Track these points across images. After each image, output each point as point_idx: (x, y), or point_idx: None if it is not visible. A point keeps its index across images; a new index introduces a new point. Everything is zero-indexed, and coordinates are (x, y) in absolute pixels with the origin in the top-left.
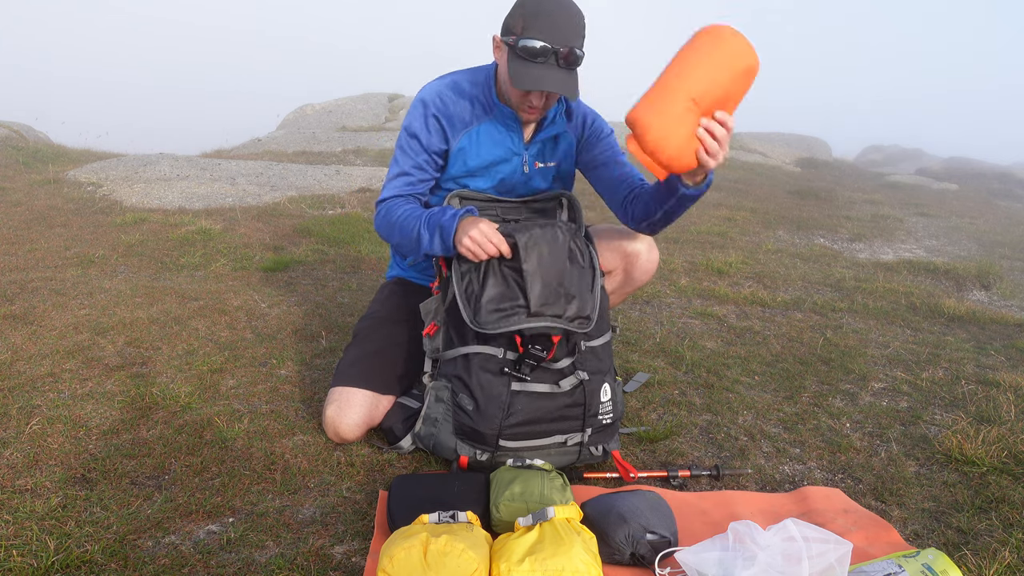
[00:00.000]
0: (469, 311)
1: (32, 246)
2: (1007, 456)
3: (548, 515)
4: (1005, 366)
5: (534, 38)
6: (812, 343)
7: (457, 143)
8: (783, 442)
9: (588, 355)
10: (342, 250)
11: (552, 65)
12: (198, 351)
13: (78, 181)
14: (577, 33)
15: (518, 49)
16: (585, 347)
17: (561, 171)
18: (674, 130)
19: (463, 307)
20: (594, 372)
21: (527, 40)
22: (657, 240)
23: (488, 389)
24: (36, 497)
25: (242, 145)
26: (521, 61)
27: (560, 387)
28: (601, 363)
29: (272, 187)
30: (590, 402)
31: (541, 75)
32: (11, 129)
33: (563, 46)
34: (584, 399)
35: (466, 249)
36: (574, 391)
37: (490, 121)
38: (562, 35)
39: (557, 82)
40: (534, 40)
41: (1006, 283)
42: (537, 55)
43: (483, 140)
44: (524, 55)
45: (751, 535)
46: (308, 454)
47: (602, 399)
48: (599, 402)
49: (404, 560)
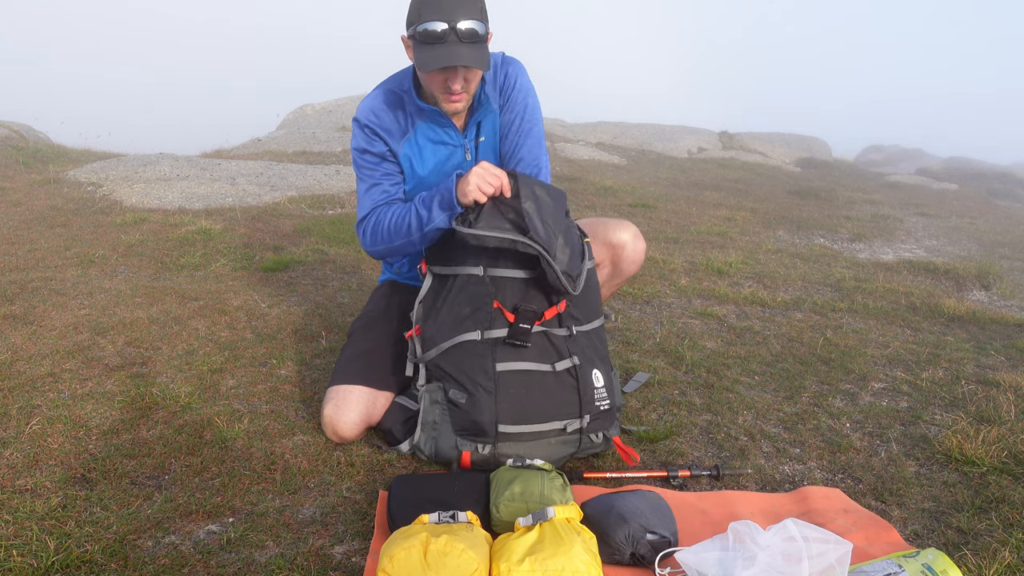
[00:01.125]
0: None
1: (32, 246)
2: (1007, 456)
3: (548, 515)
4: (1005, 366)
5: (430, 20)
6: (812, 343)
7: (401, 150)
8: (783, 442)
9: (580, 338)
10: (342, 250)
11: (455, 43)
12: (198, 351)
13: (78, 181)
14: (475, 7)
15: (418, 36)
16: (576, 331)
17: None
18: None
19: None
20: (585, 357)
21: (424, 24)
22: (657, 240)
23: (474, 373)
24: (36, 497)
25: (242, 145)
26: (425, 46)
27: (554, 368)
28: (592, 349)
29: (272, 187)
30: (584, 386)
31: (446, 53)
32: (11, 129)
33: (462, 22)
34: (577, 382)
35: (473, 188)
36: (566, 373)
37: (423, 123)
38: (459, 11)
39: (464, 57)
40: (431, 23)
41: (1006, 283)
42: (438, 37)
43: (422, 143)
44: (425, 39)
45: (751, 535)
46: (308, 454)
47: (595, 384)
48: (593, 387)
49: (404, 560)
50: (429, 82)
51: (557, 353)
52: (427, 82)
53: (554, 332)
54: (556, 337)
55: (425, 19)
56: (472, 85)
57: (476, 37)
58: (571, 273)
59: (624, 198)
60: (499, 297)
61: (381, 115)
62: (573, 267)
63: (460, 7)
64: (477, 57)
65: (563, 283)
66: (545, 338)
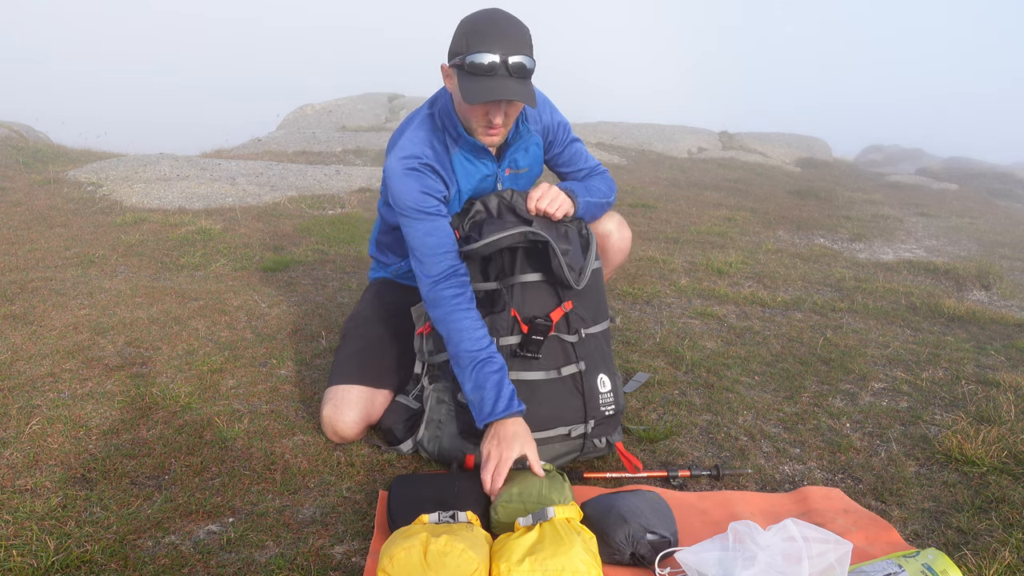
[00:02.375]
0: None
1: (32, 246)
2: (1007, 456)
3: (548, 515)
4: (1005, 366)
5: (481, 52)
6: (812, 343)
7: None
8: (783, 442)
9: (589, 342)
10: (342, 250)
11: (504, 76)
12: (198, 351)
13: (78, 181)
14: (524, 42)
15: (466, 67)
16: (585, 334)
17: (532, 175)
18: None
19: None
20: (592, 362)
21: (473, 55)
22: (657, 240)
23: None
24: (36, 497)
25: (242, 145)
26: (472, 78)
27: (560, 373)
28: (599, 352)
29: (272, 187)
30: (589, 392)
31: (494, 87)
32: (11, 129)
33: (512, 56)
34: (583, 389)
35: (486, 452)
36: (572, 379)
37: (460, 151)
38: (509, 46)
39: (512, 91)
40: (481, 54)
41: (1006, 283)
42: (486, 70)
43: (460, 171)
44: (473, 71)
45: (751, 535)
46: (308, 454)
47: (601, 390)
48: (599, 392)
49: (404, 560)
50: (470, 114)
51: (564, 358)
52: (467, 113)
53: (564, 337)
54: (564, 342)
55: (474, 50)
56: (511, 120)
57: (524, 71)
58: (574, 266)
59: (624, 198)
60: (515, 304)
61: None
62: (575, 260)
63: (511, 41)
64: (524, 92)
65: (566, 275)
66: (554, 342)
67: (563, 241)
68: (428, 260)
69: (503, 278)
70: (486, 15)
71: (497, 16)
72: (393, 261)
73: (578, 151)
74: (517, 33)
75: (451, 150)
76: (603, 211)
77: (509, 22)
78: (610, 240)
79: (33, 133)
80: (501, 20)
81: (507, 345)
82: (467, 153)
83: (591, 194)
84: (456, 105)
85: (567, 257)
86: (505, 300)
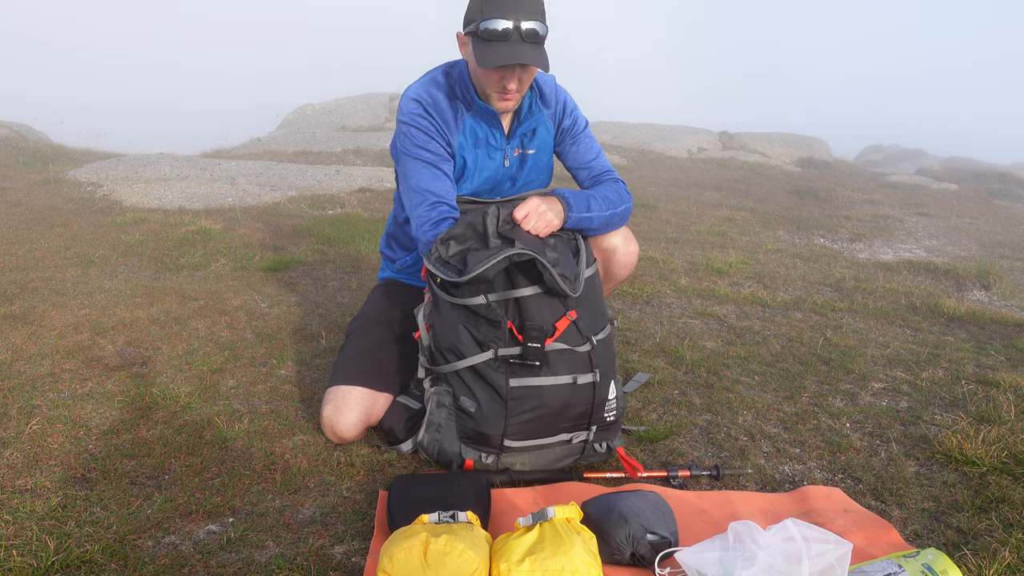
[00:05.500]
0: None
1: (32, 246)
2: (1007, 456)
3: (548, 515)
4: (1005, 366)
5: (495, 18)
6: (812, 343)
7: (456, 140)
8: (783, 442)
9: (600, 348)
10: (342, 250)
11: (518, 42)
12: (198, 351)
13: (78, 181)
14: (537, 8)
15: (480, 32)
16: (596, 341)
17: (540, 160)
18: None
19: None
20: (605, 371)
21: (487, 22)
22: (657, 240)
23: (486, 387)
24: (36, 497)
25: (242, 145)
26: (486, 43)
27: (576, 381)
28: (609, 360)
29: (272, 187)
30: (600, 401)
31: (509, 51)
32: (11, 129)
33: (525, 22)
34: (594, 398)
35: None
36: (587, 388)
37: (471, 118)
38: (522, 11)
39: (526, 56)
40: (495, 20)
41: (1006, 283)
42: (500, 35)
43: (468, 137)
44: (487, 37)
45: (751, 535)
46: (308, 454)
47: (609, 397)
48: (606, 400)
49: (404, 560)
50: (485, 79)
51: (580, 366)
52: (482, 78)
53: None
54: (579, 353)
55: (488, 16)
56: (525, 85)
57: (537, 37)
58: (567, 275)
59: None
60: (511, 317)
61: (438, 98)
62: (568, 268)
63: (523, 6)
64: (538, 57)
65: (560, 285)
66: (569, 353)
67: (551, 251)
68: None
69: (501, 291)
70: None
71: None
72: (400, 256)
73: (589, 147)
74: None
75: (462, 114)
76: (609, 226)
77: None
78: (616, 255)
79: (33, 133)
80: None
81: (508, 356)
82: (479, 120)
83: (592, 207)
84: (471, 72)
85: (558, 268)
86: (500, 315)
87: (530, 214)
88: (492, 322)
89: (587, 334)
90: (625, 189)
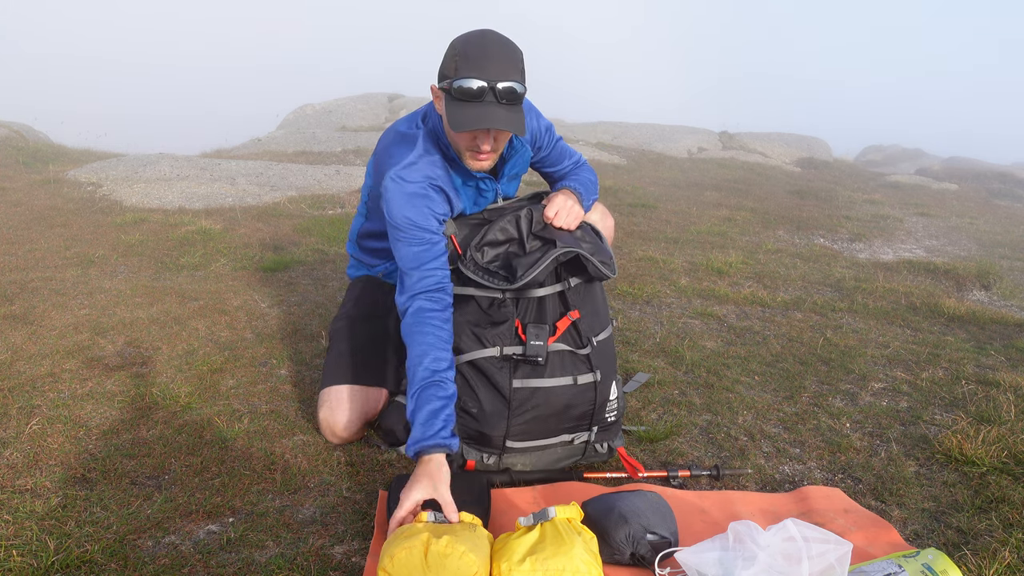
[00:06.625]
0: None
1: (32, 246)
2: (1007, 456)
3: (549, 515)
4: (1005, 366)
5: (469, 77)
6: (812, 343)
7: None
8: (783, 442)
9: (601, 349)
10: (342, 250)
11: (492, 103)
12: (198, 351)
13: (78, 181)
14: (514, 68)
15: (454, 91)
16: (596, 342)
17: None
18: None
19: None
20: (606, 371)
21: (462, 80)
22: (657, 240)
23: (489, 387)
24: (36, 497)
25: (242, 145)
26: (459, 103)
27: (576, 382)
28: (610, 361)
29: (272, 187)
30: (602, 402)
31: (482, 114)
32: (11, 129)
33: (501, 82)
34: (595, 398)
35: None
36: (588, 388)
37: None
38: (498, 71)
39: (499, 119)
40: (469, 80)
41: (1006, 283)
42: (474, 95)
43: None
44: (461, 96)
45: (751, 535)
46: (308, 454)
47: (610, 397)
48: (607, 400)
49: (405, 560)
50: (457, 139)
51: (584, 366)
52: (454, 138)
53: (578, 351)
54: (579, 355)
55: (462, 75)
56: (501, 145)
57: (514, 98)
58: (605, 260)
59: (624, 198)
60: (519, 315)
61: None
62: (602, 253)
63: (500, 66)
64: (513, 120)
65: (603, 271)
66: (569, 355)
67: (583, 242)
68: (416, 273)
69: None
70: (476, 37)
71: (487, 39)
72: (378, 263)
73: (563, 150)
74: (507, 58)
75: (458, 183)
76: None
77: (500, 45)
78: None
79: (33, 133)
80: (491, 43)
81: (511, 354)
82: (465, 175)
83: (586, 189)
84: (445, 128)
85: (596, 256)
86: (510, 312)
87: (560, 211)
88: (498, 321)
89: (587, 335)
90: (592, 169)
